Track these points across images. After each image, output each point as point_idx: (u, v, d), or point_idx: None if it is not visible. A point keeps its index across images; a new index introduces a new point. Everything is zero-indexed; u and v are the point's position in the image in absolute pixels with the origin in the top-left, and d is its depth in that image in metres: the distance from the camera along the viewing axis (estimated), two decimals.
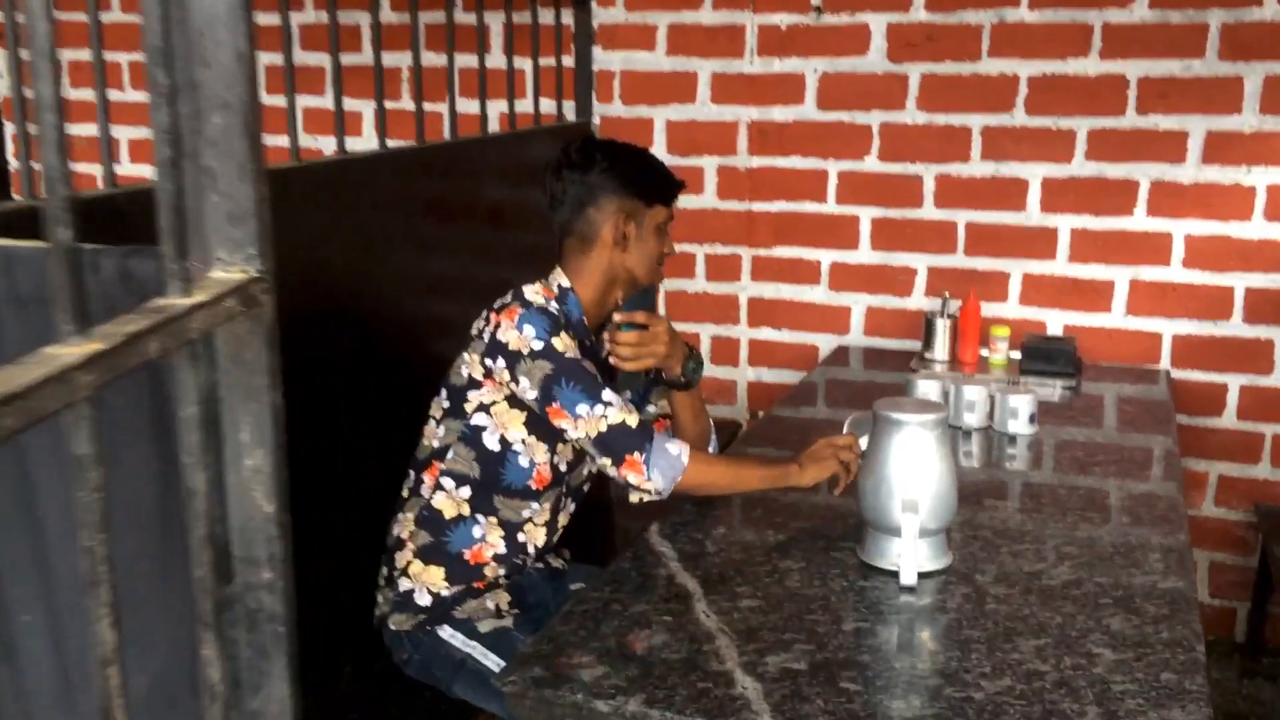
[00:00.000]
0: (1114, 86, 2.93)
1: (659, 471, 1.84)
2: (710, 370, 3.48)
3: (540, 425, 1.91)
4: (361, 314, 2.25)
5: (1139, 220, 2.98)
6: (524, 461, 1.93)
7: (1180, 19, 2.85)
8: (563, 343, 1.86)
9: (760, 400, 3.45)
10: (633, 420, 1.84)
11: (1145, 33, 2.88)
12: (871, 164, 3.19)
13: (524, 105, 3.05)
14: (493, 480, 1.94)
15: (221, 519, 0.88)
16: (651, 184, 1.98)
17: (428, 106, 2.76)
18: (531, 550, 2.02)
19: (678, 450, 1.86)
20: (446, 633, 1.96)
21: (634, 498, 1.89)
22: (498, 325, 1.87)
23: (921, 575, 1.72)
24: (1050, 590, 1.69)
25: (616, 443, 1.84)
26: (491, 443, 1.93)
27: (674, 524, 1.98)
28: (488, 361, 1.87)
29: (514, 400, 1.90)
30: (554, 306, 1.92)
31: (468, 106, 3.30)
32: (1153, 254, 2.98)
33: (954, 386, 2.47)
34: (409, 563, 1.97)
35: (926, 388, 2.45)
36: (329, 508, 2.15)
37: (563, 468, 1.99)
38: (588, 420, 1.84)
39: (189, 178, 0.85)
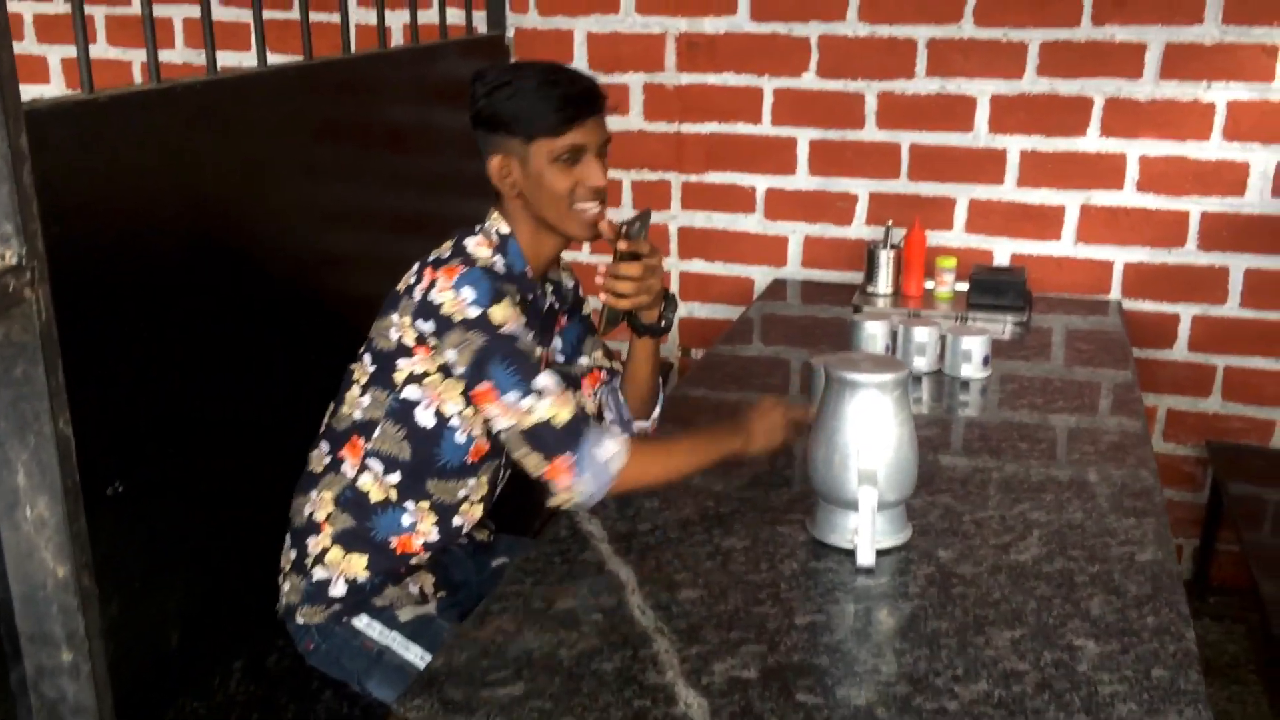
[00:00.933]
0: None
1: (590, 477, 1.59)
2: None
3: None
4: (247, 255, 1.98)
5: (1091, 141, 2.79)
6: (460, 437, 1.70)
7: None
8: (502, 313, 1.60)
9: (693, 337, 3.24)
10: (566, 413, 1.59)
11: None
12: (809, 80, 2.95)
13: (429, 15, 2.74)
14: (425, 462, 1.71)
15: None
16: (520, 115, 1.63)
17: (317, 17, 2.45)
18: (466, 530, 1.80)
19: (613, 451, 1.61)
20: (363, 622, 1.73)
21: (554, 502, 1.64)
22: (432, 283, 1.61)
23: (879, 553, 1.54)
24: (1021, 568, 1.53)
25: (545, 441, 1.59)
26: (425, 419, 1.69)
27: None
28: (419, 324, 1.62)
29: (449, 370, 1.65)
30: (498, 262, 1.68)
31: (364, 17, 2.97)
32: (1105, 177, 2.81)
33: (902, 328, 2.28)
34: (325, 549, 1.73)
35: (873, 329, 2.27)
36: (215, 480, 1.91)
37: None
38: (515, 410, 1.59)
39: None
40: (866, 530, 1.50)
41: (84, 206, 1.66)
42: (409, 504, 1.72)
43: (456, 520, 1.76)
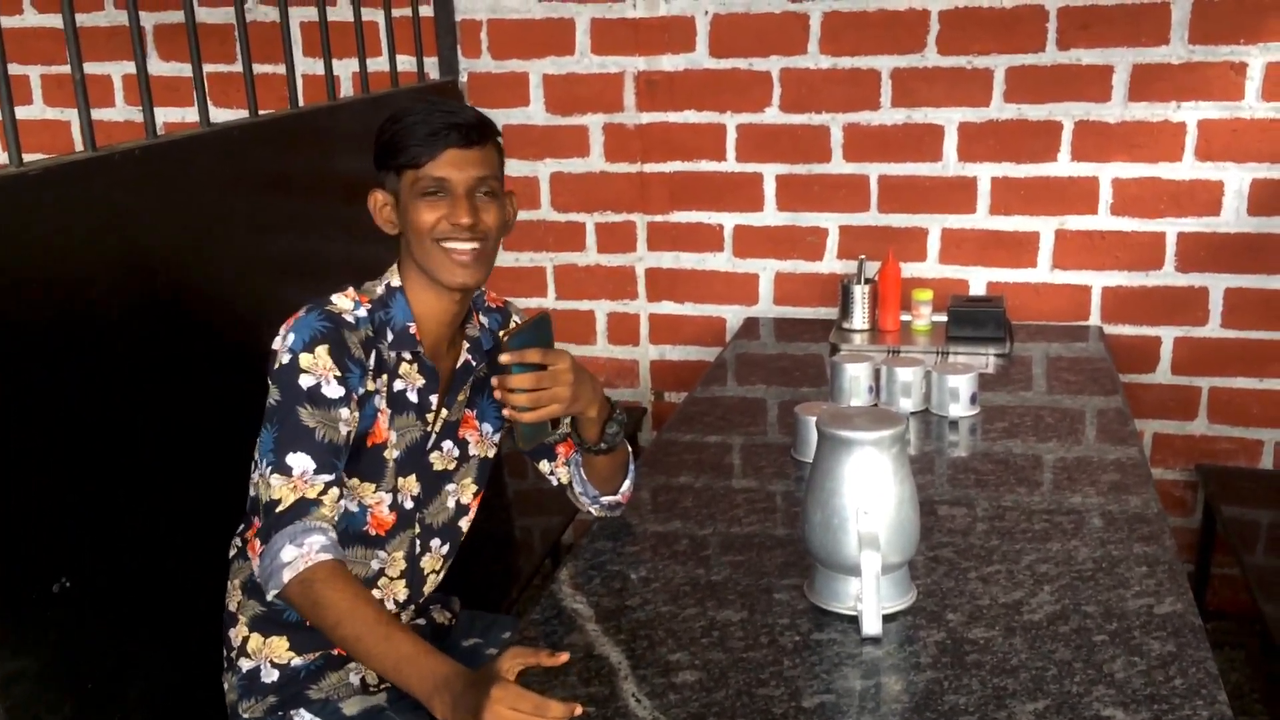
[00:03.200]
0: (1032, 18, 2.67)
1: (263, 567, 1.41)
2: (609, 350, 3.16)
3: (362, 459, 1.54)
4: (195, 323, 1.87)
5: (1063, 165, 2.75)
6: (351, 505, 1.55)
7: None
8: (313, 360, 1.45)
9: (665, 380, 3.15)
10: (289, 499, 1.42)
11: None
12: (773, 115, 2.89)
13: (379, 63, 2.65)
14: None
15: None
16: (394, 146, 1.52)
17: (262, 69, 2.35)
18: (392, 606, 1.65)
19: (289, 559, 1.37)
20: (303, 719, 1.60)
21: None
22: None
23: (885, 618, 1.44)
24: (1035, 628, 1.44)
25: (265, 516, 1.43)
26: None
27: (586, 565, 1.67)
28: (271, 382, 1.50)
29: None
30: (359, 312, 1.52)
31: (311, 67, 2.88)
32: (1079, 202, 2.76)
33: (885, 369, 2.21)
34: (245, 638, 1.62)
35: (855, 371, 2.19)
36: (165, 570, 1.78)
37: (408, 504, 1.61)
38: (261, 478, 1.45)
39: None
40: (871, 597, 1.41)
41: (17, 284, 1.54)
42: None
43: (375, 593, 1.61)
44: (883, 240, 2.87)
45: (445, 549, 1.70)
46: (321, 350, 1.46)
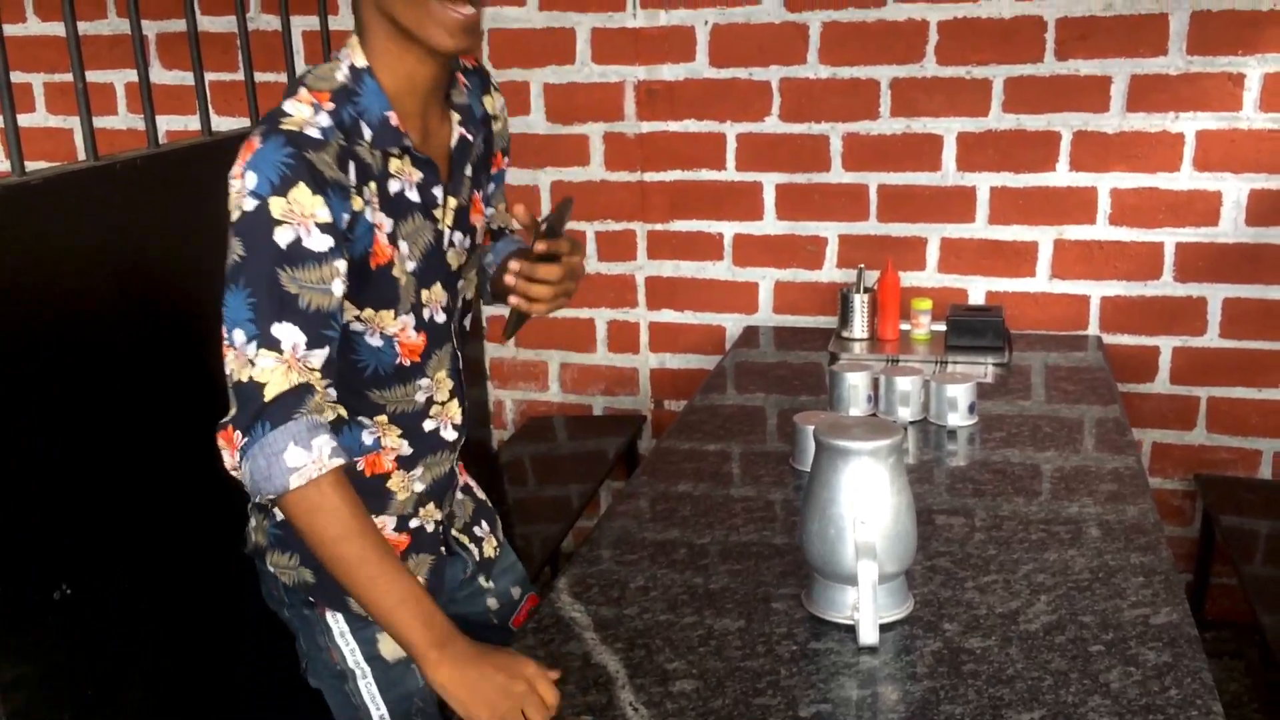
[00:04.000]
0: (1031, 29, 2.69)
1: (257, 469, 1.22)
2: (609, 358, 3.17)
3: (370, 284, 1.33)
4: (195, 331, 1.88)
5: (1061, 175, 2.76)
6: (374, 339, 1.37)
7: None
8: (287, 205, 1.20)
9: (665, 389, 3.16)
10: (283, 385, 1.22)
11: None
12: (772, 125, 2.90)
13: None
14: (353, 371, 1.38)
15: None
16: None
17: (264, 77, 2.36)
18: (452, 434, 1.50)
19: (299, 464, 1.21)
20: (337, 627, 1.48)
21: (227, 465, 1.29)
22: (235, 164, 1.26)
23: (882, 627, 1.45)
24: (1032, 638, 1.44)
25: (243, 402, 1.23)
26: None
27: (584, 573, 1.67)
28: None
29: None
30: (320, 120, 1.26)
31: None
32: (1077, 212, 2.77)
33: (884, 378, 2.21)
34: (276, 528, 1.47)
35: (855, 380, 2.20)
36: (166, 576, 1.79)
37: (439, 317, 1.44)
38: (237, 354, 1.23)
39: None
40: (868, 607, 1.41)
41: (19, 292, 1.56)
42: (364, 419, 1.41)
43: (429, 425, 1.48)
44: (882, 249, 2.88)
45: (463, 348, 1.55)
46: (297, 192, 1.21)
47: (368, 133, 1.30)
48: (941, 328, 2.72)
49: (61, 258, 1.64)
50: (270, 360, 1.22)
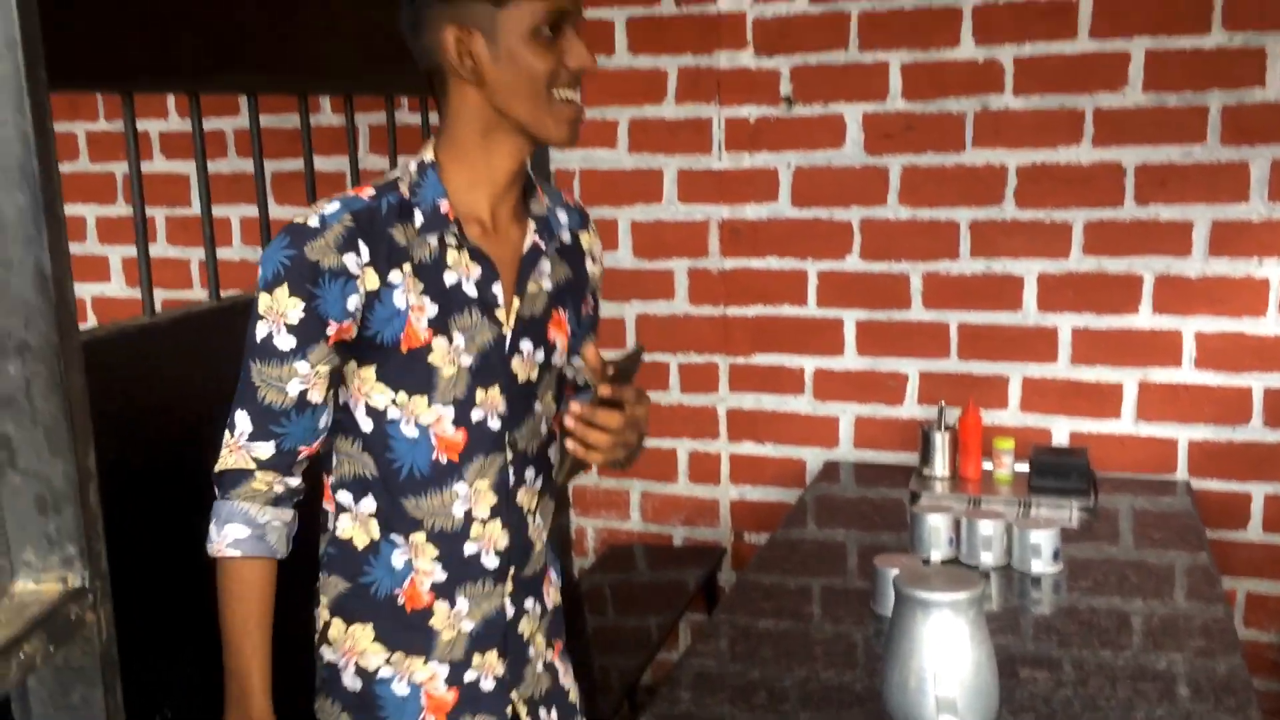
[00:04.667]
0: (1110, 175, 2.74)
1: (217, 527, 1.34)
2: (690, 489, 3.21)
3: (403, 369, 1.33)
4: None
5: (1145, 318, 2.77)
6: (409, 430, 1.35)
7: (1178, 102, 2.67)
8: (270, 302, 1.27)
9: (745, 521, 3.18)
10: (225, 463, 1.33)
11: (1141, 117, 2.70)
12: (853, 263, 2.98)
13: None
14: (391, 473, 1.36)
15: None
16: None
17: None
18: (494, 561, 1.41)
19: (211, 537, 1.33)
20: None
21: None
22: None
23: None
24: None
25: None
26: (364, 420, 1.36)
27: (665, 714, 1.69)
28: None
29: (350, 347, 1.32)
30: (352, 205, 1.30)
31: None
32: (1162, 354, 2.77)
33: (966, 521, 2.22)
34: (327, 623, 1.43)
35: (935, 522, 2.21)
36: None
37: (493, 423, 1.38)
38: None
39: None
40: None
41: (143, 427, 1.66)
42: (397, 537, 1.38)
43: (469, 548, 1.39)
44: (963, 387, 2.91)
45: (540, 482, 1.46)
46: (280, 291, 1.27)
47: (419, 218, 1.33)
48: (1025, 468, 2.72)
49: (184, 393, 1.75)
50: (226, 439, 1.33)
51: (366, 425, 1.36)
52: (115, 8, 1.61)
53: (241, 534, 1.32)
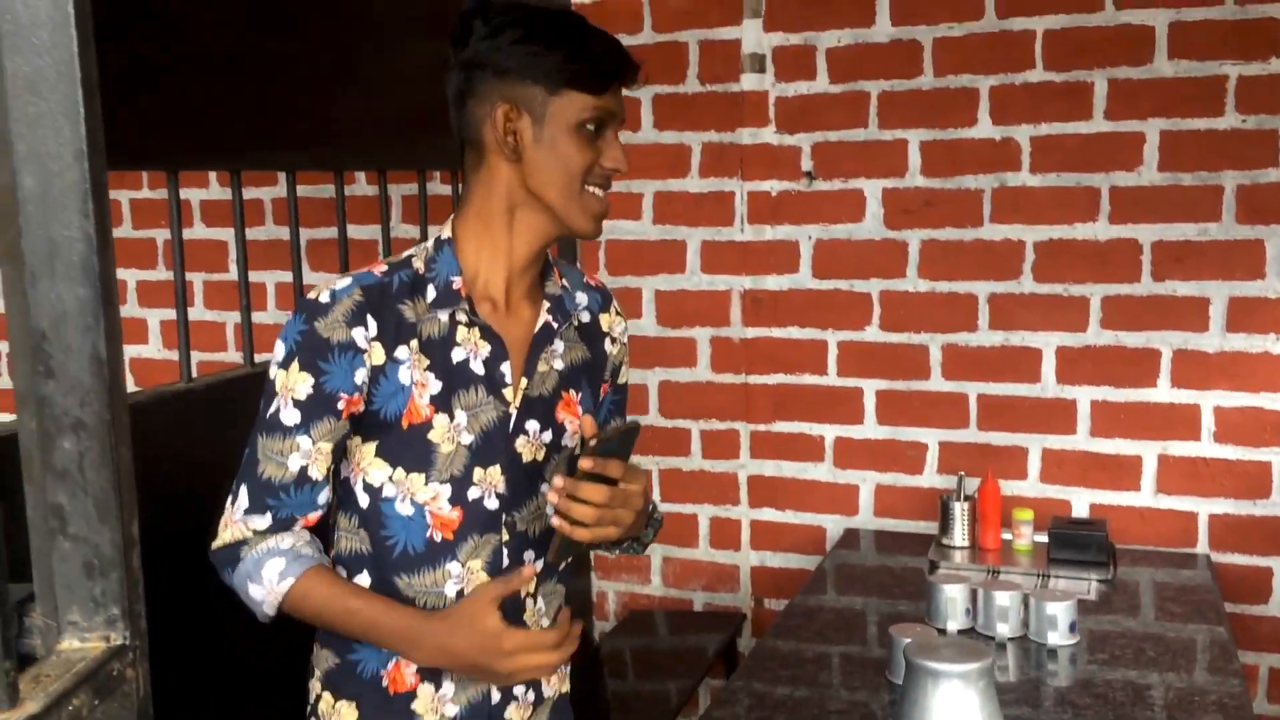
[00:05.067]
0: (1127, 251, 2.78)
1: (256, 586, 1.32)
2: (710, 554, 3.23)
3: (402, 445, 1.33)
4: None
5: (1163, 391, 2.79)
6: (404, 507, 1.34)
7: (1192, 181, 2.71)
8: (285, 378, 1.28)
9: (765, 587, 3.19)
10: (223, 538, 1.33)
11: (1156, 195, 2.74)
12: (873, 334, 3.02)
13: None
14: (384, 550, 1.36)
15: None
16: (555, 56, 1.28)
17: None
18: None
19: (260, 595, 1.30)
20: None
21: None
22: None
23: None
24: None
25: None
26: (362, 496, 1.36)
27: None
28: None
29: (355, 421, 1.33)
30: (365, 281, 1.31)
31: None
32: (1181, 427, 2.78)
33: (983, 591, 2.23)
34: (318, 695, 1.42)
35: (952, 592, 2.22)
36: None
37: (490, 502, 1.37)
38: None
39: (34, 520, 0.63)
40: None
41: (174, 487, 1.72)
42: None
43: None
44: (982, 457, 2.92)
45: (539, 565, 1.43)
46: (293, 367, 1.29)
47: (431, 293, 1.33)
48: (1044, 539, 2.72)
49: (218, 454, 1.81)
50: (225, 514, 1.33)
51: (364, 501, 1.36)
52: (163, 93, 1.70)
53: (280, 566, 1.29)
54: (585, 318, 1.50)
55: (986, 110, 2.85)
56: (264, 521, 1.31)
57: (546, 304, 1.42)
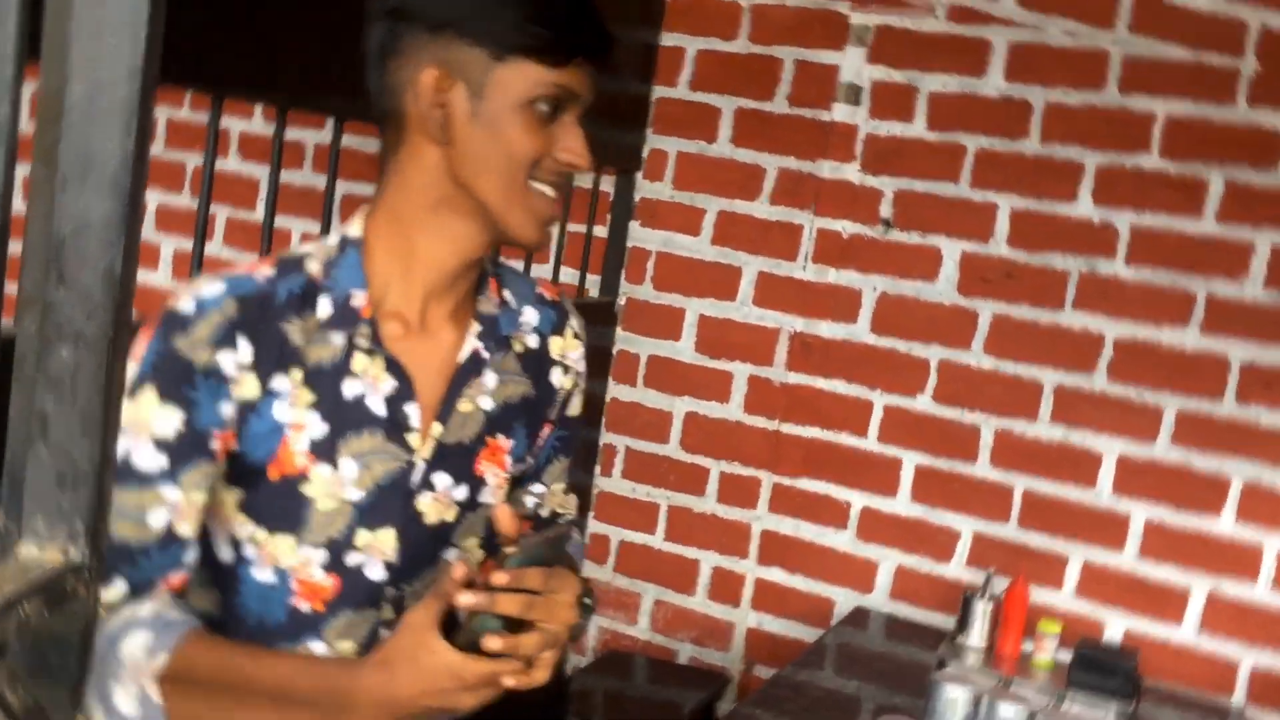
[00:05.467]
0: (1213, 366, 2.77)
1: (117, 667, 1.07)
2: (706, 605, 3.24)
3: (269, 499, 1.13)
4: None
5: (1226, 523, 2.77)
6: (263, 574, 1.15)
7: None
8: (135, 411, 1.06)
9: (759, 651, 3.20)
10: (108, 595, 1.09)
11: (1257, 313, 2.74)
12: (924, 403, 3.03)
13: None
14: (234, 621, 1.17)
15: None
16: (507, 11, 1.08)
17: None
18: None
19: (140, 642, 1.05)
20: None
21: None
22: None
23: None
24: None
25: None
26: (225, 549, 1.17)
27: None
28: None
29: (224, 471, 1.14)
30: (243, 287, 1.10)
31: None
32: (1239, 565, 2.76)
33: (988, 699, 2.23)
34: None
35: (955, 694, 2.22)
36: None
37: (373, 573, 1.18)
38: None
39: (15, 423, 0.67)
40: None
41: None
42: None
43: None
44: (1017, 557, 2.92)
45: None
46: (146, 396, 1.07)
47: (325, 309, 1.14)
48: (1067, 657, 2.71)
49: None
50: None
51: (225, 555, 1.17)
52: (223, 15, 1.76)
53: (144, 639, 1.05)
54: (532, 342, 1.29)
55: (1089, 188, 2.86)
56: (117, 590, 1.08)
57: (477, 327, 1.22)
